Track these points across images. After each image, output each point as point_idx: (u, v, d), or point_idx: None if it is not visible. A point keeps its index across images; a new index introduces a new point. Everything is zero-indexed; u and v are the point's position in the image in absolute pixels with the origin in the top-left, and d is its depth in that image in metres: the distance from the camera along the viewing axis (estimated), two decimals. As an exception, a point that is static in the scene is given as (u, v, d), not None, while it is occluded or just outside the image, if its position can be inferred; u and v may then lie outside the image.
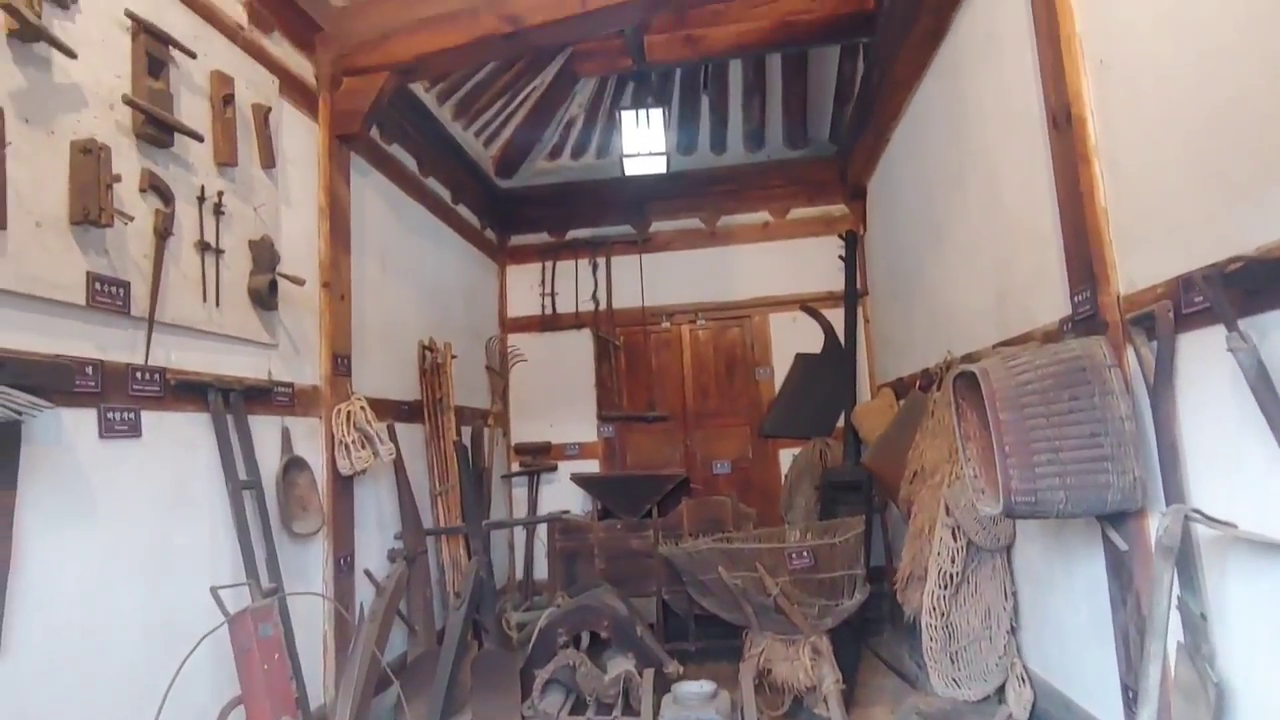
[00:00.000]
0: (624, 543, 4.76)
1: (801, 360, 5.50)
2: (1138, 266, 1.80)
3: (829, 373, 5.36)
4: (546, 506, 5.56)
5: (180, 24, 2.45)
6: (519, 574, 5.36)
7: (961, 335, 3.16)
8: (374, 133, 3.84)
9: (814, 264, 5.54)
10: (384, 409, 3.67)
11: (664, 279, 5.75)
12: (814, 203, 5.64)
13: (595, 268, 5.85)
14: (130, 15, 2.22)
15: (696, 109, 5.39)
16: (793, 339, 5.56)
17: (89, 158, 2.01)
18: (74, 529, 1.96)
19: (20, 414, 1.62)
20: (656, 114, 4.45)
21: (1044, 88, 2.15)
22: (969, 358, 2.95)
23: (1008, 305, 2.63)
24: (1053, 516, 1.90)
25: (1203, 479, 1.60)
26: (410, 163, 4.36)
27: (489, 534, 4.06)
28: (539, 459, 5.72)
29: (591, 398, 5.77)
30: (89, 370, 2.03)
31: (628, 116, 4.47)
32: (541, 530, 5.27)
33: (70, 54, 1.96)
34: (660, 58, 4.44)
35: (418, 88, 4.33)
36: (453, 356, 4.46)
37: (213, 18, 2.64)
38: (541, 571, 5.32)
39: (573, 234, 5.95)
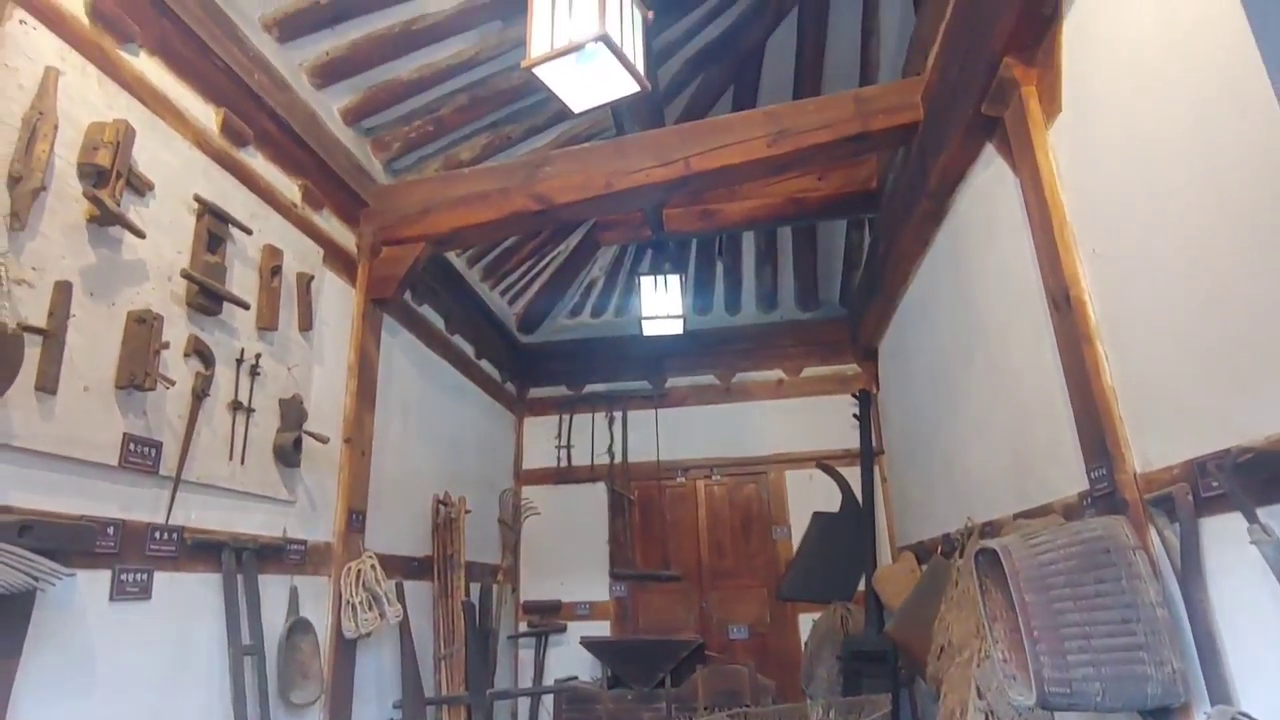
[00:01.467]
0: (635, 715, 4.48)
1: (819, 520, 5.40)
2: (1151, 446, 1.82)
3: (848, 533, 5.24)
4: (555, 670, 5.28)
5: (241, 204, 2.69)
6: (522, 748, 5.00)
7: (981, 501, 3.12)
8: (406, 296, 4.07)
9: (829, 422, 5.58)
10: (394, 565, 3.61)
11: (680, 434, 5.79)
12: (827, 362, 5.77)
13: (611, 421, 5.92)
14: (198, 199, 2.45)
15: (712, 273, 5.68)
16: (810, 497, 5.49)
17: (142, 326, 2.15)
18: (72, 699, 1.89)
19: (38, 581, 1.63)
20: (674, 279, 4.68)
21: (1042, 271, 2.27)
22: (990, 525, 2.90)
23: (1025, 474, 2.62)
24: (1090, 710, 1.79)
25: (1246, 675, 1.53)
26: (438, 321, 4.57)
27: (493, 703, 3.84)
28: (548, 619, 5.50)
29: (604, 554, 5.64)
30: (110, 530, 2.05)
31: (646, 282, 4.71)
32: (548, 698, 4.97)
33: (140, 235, 2.14)
34: (678, 228, 4.75)
35: (450, 254, 4.62)
36: (466, 511, 4.43)
37: (271, 198, 2.90)
38: (546, 746, 4.96)
39: (590, 388, 6.08)
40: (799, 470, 5.58)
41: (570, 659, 5.28)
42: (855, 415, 5.38)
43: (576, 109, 2.47)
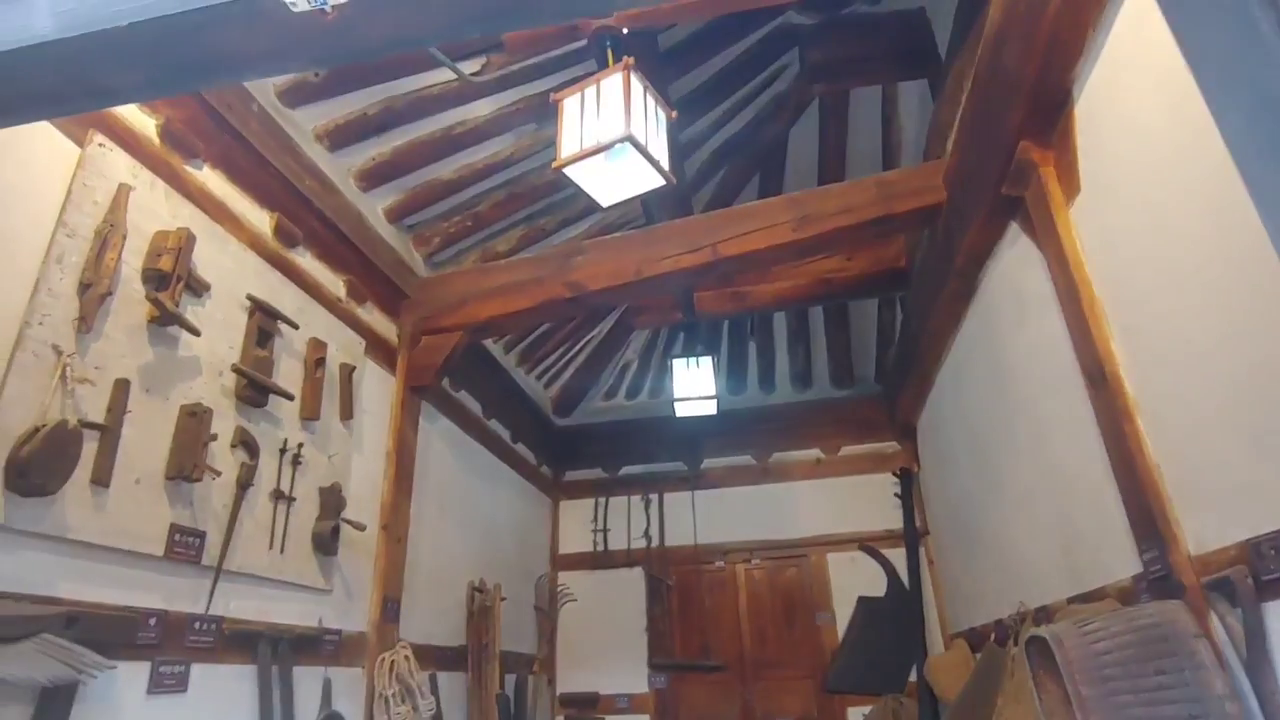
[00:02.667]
0: (677, 820, 4.23)
1: (865, 605, 5.19)
2: (1204, 525, 1.75)
3: (895, 619, 5.02)
4: (592, 770, 5.06)
5: (289, 300, 2.83)
6: None
7: (1033, 584, 2.99)
8: (444, 382, 4.17)
9: (870, 501, 5.44)
10: (427, 656, 3.56)
11: (717, 516, 5.70)
12: (864, 440, 5.68)
13: (648, 504, 5.86)
14: (250, 297, 2.59)
15: (744, 353, 5.72)
16: (853, 580, 5.30)
17: (194, 420, 2.24)
18: (103, 797, 1.89)
19: (81, 673, 1.66)
20: (706, 361, 4.72)
21: (1075, 347, 2.26)
22: (1043, 611, 2.77)
23: (1076, 557, 2.52)
24: (1165, 818, 1.66)
25: (1331, 778, 1.41)
26: (475, 407, 4.65)
27: (528, 806, 3.69)
28: (586, 712, 5.31)
29: (643, 642, 5.48)
30: (152, 621, 2.08)
31: (679, 364, 4.76)
32: (586, 800, 4.75)
33: (195, 333, 2.27)
34: (709, 310, 4.82)
35: (487, 341, 4.75)
36: (502, 598, 4.38)
37: (317, 294, 3.04)
38: None
39: (626, 470, 6.06)
40: (841, 552, 5.41)
41: (611, 757, 5.06)
42: (897, 494, 5.25)
43: (605, 204, 2.59)
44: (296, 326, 2.82)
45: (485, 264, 3.94)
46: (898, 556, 5.19)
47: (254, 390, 2.54)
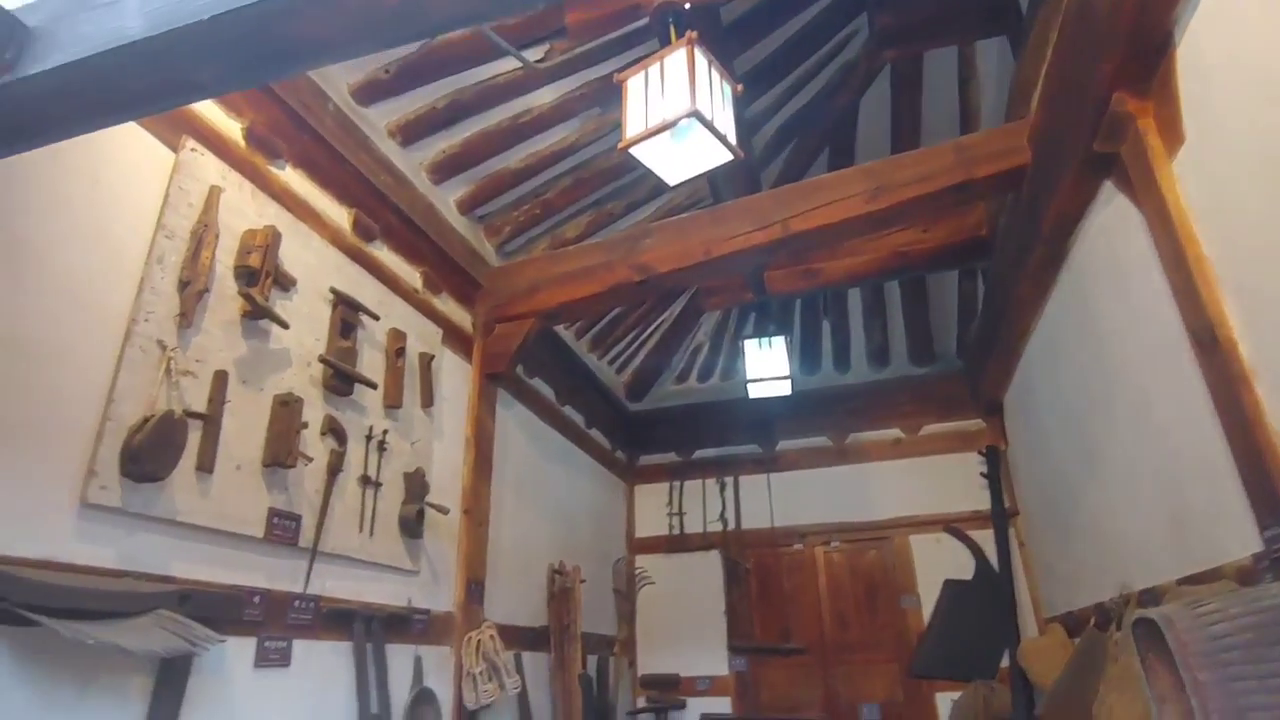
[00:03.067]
0: (761, 802, 4.23)
1: (951, 588, 5.02)
2: (1335, 499, 1.60)
3: (984, 603, 4.84)
4: (675, 750, 5.10)
5: (370, 292, 2.93)
6: (644, 833, 4.81)
7: (1137, 565, 2.82)
8: (519, 369, 4.24)
9: (954, 481, 5.25)
10: (511, 636, 3.65)
11: (794, 499, 5.62)
12: (947, 418, 5.48)
13: (723, 487, 5.83)
14: (334, 290, 2.70)
15: (818, 332, 5.59)
16: (938, 563, 5.14)
17: (286, 409, 2.35)
18: (219, 763, 2.01)
19: (195, 646, 1.77)
20: (779, 341, 4.64)
21: (1181, 310, 2.10)
22: (1148, 593, 2.61)
23: (1187, 535, 2.36)
24: (1296, 813, 1.54)
25: None
26: (549, 393, 4.72)
27: (613, 783, 3.75)
28: (667, 694, 5.35)
29: (721, 625, 5.47)
30: (256, 599, 2.20)
31: (751, 345, 4.69)
32: (669, 780, 4.79)
33: (284, 325, 2.37)
34: (780, 289, 4.74)
35: (558, 327, 4.80)
36: (581, 581, 4.45)
37: (395, 286, 3.14)
38: (669, 831, 4.76)
39: (700, 454, 6.04)
40: (925, 534, 5.25)
41: (693, 737, 5.09)
42: (983, 474, 5.05)
43: (671, 182, 2.56)
44: (377, 318, 2.91)
45: (555, 251, 3.98)
46: (985, 538, 4.99)
47: (340, 380, 2.64)
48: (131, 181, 2.02)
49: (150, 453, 1.84)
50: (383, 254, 3.12)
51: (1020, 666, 4.19)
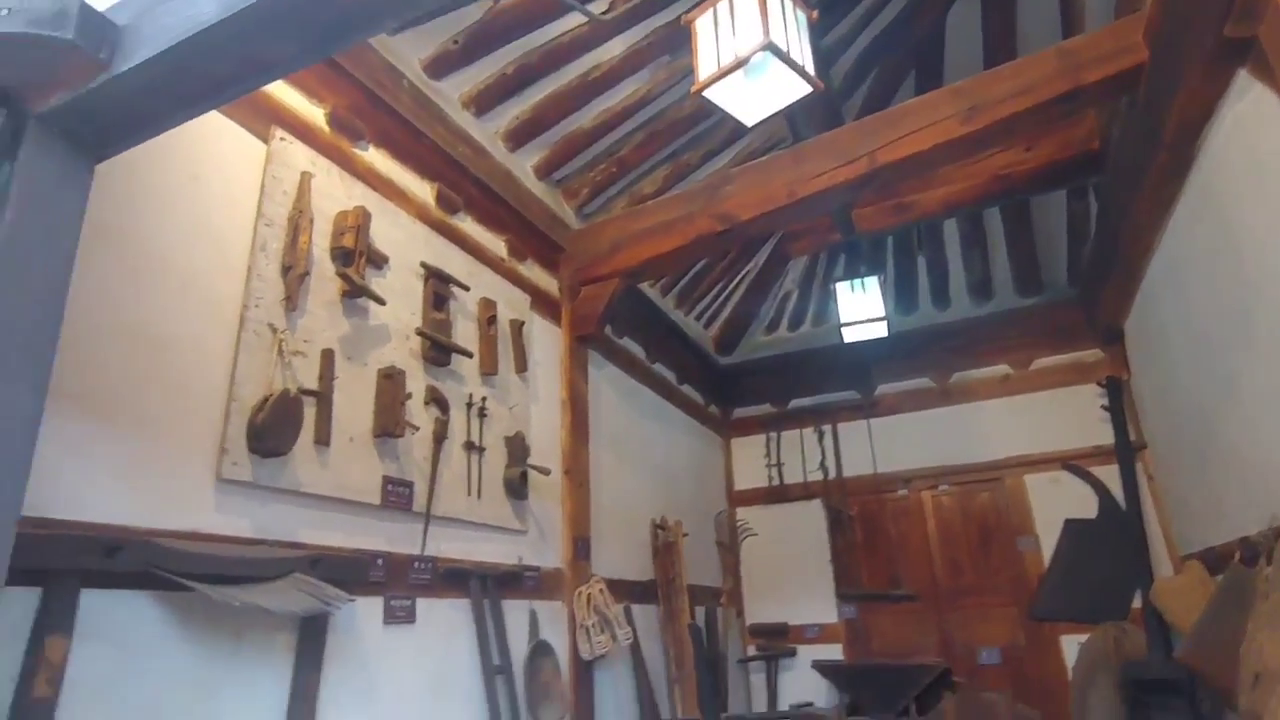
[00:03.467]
0: (879, 746, 4.21)
1: (1073, 528, 4.78)
2: None
3: (1110, 542, 4.58)
4: (788, 694, 5.15)
5: (458, 264, 2.99)
6: (763, 775, 4.90)
7: (1287, 496, 2.58)
8: (607, 329, 4.27)
9: (1070, 417, 4.95)
10: (619, 590, 3.75)
11: (896, 443, 5.45)
12: (1060, 350, 5.14)
13: (821, 436, 5.73)
14: (424, 265, 2.77)
15: (913, 269, 5.34)
16: (1057, 503, 4.88)
17: (390, 381, 2.46)
18: (358, 710, 2.17)
19: (329, 606, 1.89)
20: (872, 281, 4.46)
21: (1337, 208, 1.86)
22: (1304, 525, 2.39)
23: (1347, 460, 2.13)
24: None
25: None
26: (639, 351, 4.74)
27: (728, 728, 3.82)
28: (775, 642, 5.39)
29: (828, 573, 5.43)
30: (379, 562, 2.34)
31: (842, 288, 4.53)
32: (784, 725, 4.84)
33: (381, 302, 2.46)
34: (870, 228, 4.54)
35: (643, 285, 4.79)
36: (684, 535, 4.50)
37: (481, 256, 3.20)
38: (787, 774, 4.83)
39: (796, 403, 5.94)
40: (1041, 473, 5.00)
41: (803, 683, 5.11)
42: (1104, 407, 4.74)
43: (749, 122, 2.47)
44: (467, 288, 2.98)
45: (634, 208, 3.94)
46: (1109, 474, 4.70)
47: (437, 351, 2.73)
48: (229, 175, 2.12)
49: (272, 430, 1.97)
50: (467, 225, 3.18)
51: (1155, 607, 3.96)
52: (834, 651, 5.23)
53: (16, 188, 0.95)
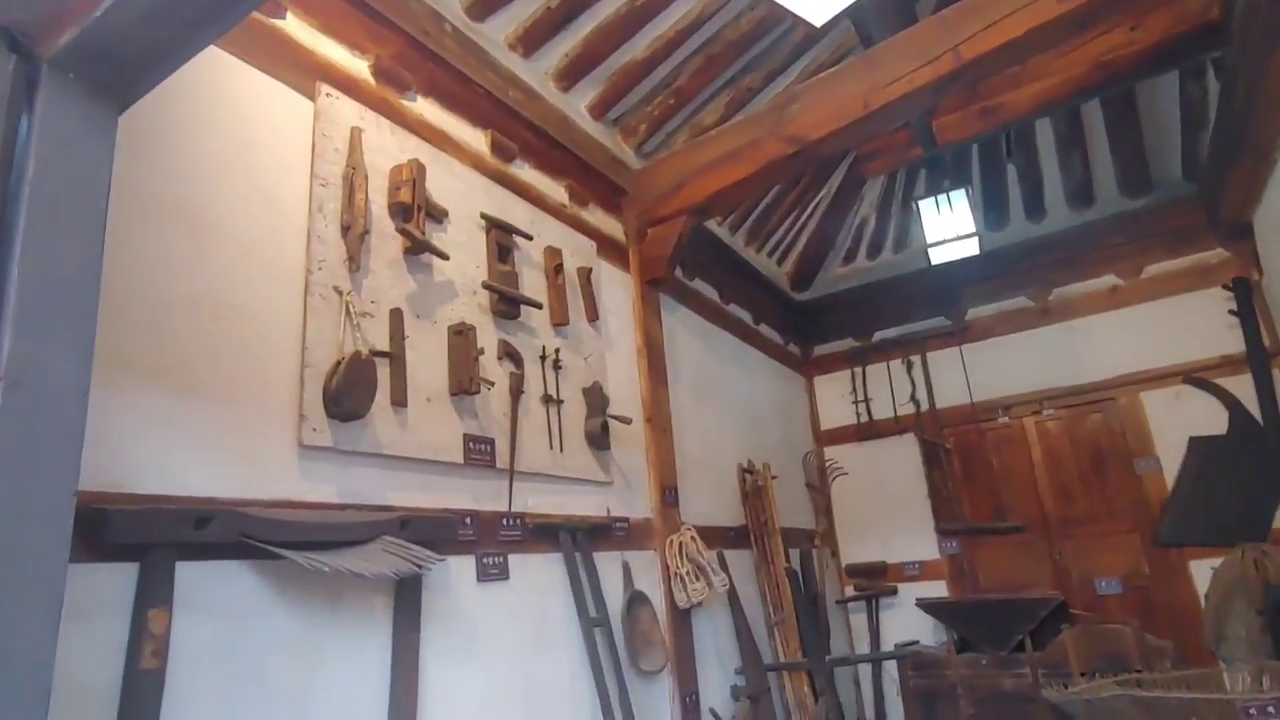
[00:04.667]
0: (993, 682, 4.06)
1: (1200, 446, 4.39)
2: None
3: (1244, 458, 4.19)
4: (891, 634, 5.02)
5: (520, 213, 2.89)
6: (869, 713, 4.82)
7: None
8: (678, 272, 4.11)
9: (1191, 325, 4.52)
10: (711, 536, 3.67)
11: (992, 369, 5.13)
12: (1176, 253, 4.68)
13: (910, 367, 5.45)
14: (484, 216, 2.68)
15: (1002, 180, 4.93)
16: (1179, 420, 4.49)
17: (461, 338, 2.39)
18: (459, 667, 2.17)
19: (420, 567, 1.87)
20: (958, 195, 4.13)
21: None
22: None
23: None
24: None
25: None
26: (712, 293, 4.57)
27: (833, 670, 3.73)
28: (875, 581, 5.24)
29: (926, 509, 5.21)
30: (468, 521, 2.31)
31: (925, 205, 4.22)
32: (891, 664, 4.72)
33: (444, 257, 2.38)
34: (952, 138, 4.18)
35: (712, 224, 4.59)
36: (772, 477, 4.37)
37: (542, 204, 3.08)
38: (895, 712, 4.73)
39: (880, 335, 5.66)
40: (1159, 390, 4.60)
41: (906, 622, 4.97)
42: (1231, 312, 4.30)
43: (818, 21, 2.24)
44: (530, 237, 2.88)
45: (695, 140, 3.72)
46: (1239, 385, 4.29)
47: (505, 303, 2.65)
48: (280, 137, 2.06)
49: (348, 393, 1.93)
50: (525, 173, 3.06)
51: (1302, 525, 3.60)
52: (937, 589, 5.04)
53: (37, 141, 0.88)
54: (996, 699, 4.04)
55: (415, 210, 2.32)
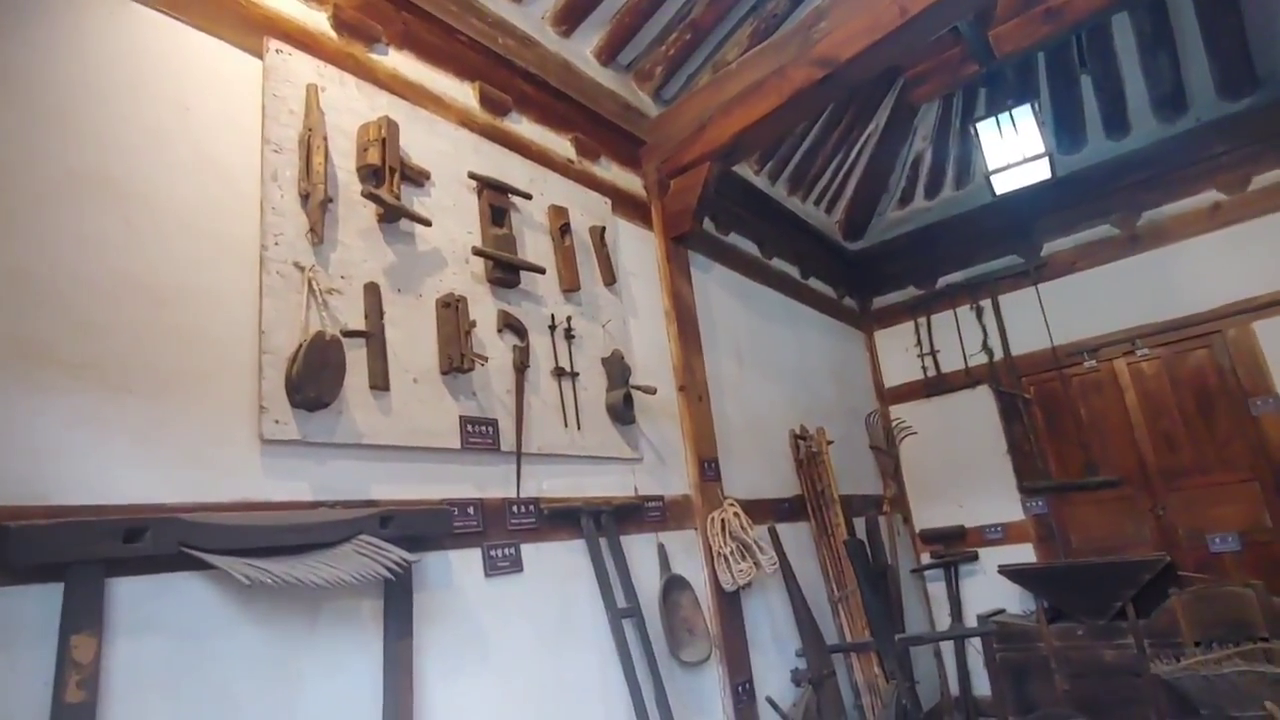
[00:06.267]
0: (1092, 654, 3.65)
1: (1329, 378, 3.81)
2: None
3: (1387, 389, 3.60)
4: (973, 603, 4.63)
5: (517, 171, 2.63)
6: (952, 688, 4.47)
7: None
8: (709, 226, 3.79)
9: (1313, 240, 3.91)
10: (761, 510, 3.38)
11: (1075, 308, 4.60)
12: (1291, 158, 4.04)
13: (979, 313, 4.96)
14: (473, 175, 2.43)
15: (1075, 93, 4.37)
16: (1303, 350, 3.91)
17: (449, 311, 2.16)
18: (468, 672, 1.97)
19: (396, 568, 1.65)
20: (1023, 111, 3.64)
21: None
22: None
23: None
24: None
25: None
26: (751, 248, 4.22)
27: (906, 648, 3.40)
28: (952, 547, 4.84)
29: (1006, 466, 4.76)
30: (470, 510, 2.09)
31: (986, 128, 3.74)
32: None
33: (426, 223, 2.15)
34: (1012, 48, 3.66)
35: (747, 172, 4.23)
36: (828, 442, 4.03)
37: (544, 159, 2.81)
38: (982, 686, 4.36)
39: (945, 280, 5.18)
40: (1275, 318, 4.01)
41: (990, 589, 4.57)
42: (1364, 219, 3.67)
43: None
44: (529, 197, 2.61)
45: (716, 76, 3.37)
46: (1377, 305, 3.68)
47: (503, 270, 2.40)
48: (224, 101, 1.85)
49: (310, 379, 1.72)
50: (522, 127, 2.79)
51: None
52: (1023, 553, 4.61)
53: None
54: (1096, 673, 3.63)
55: (388, 173, 2.08)
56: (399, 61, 2.37)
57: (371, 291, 2.00)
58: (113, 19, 1.69)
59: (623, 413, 2.69)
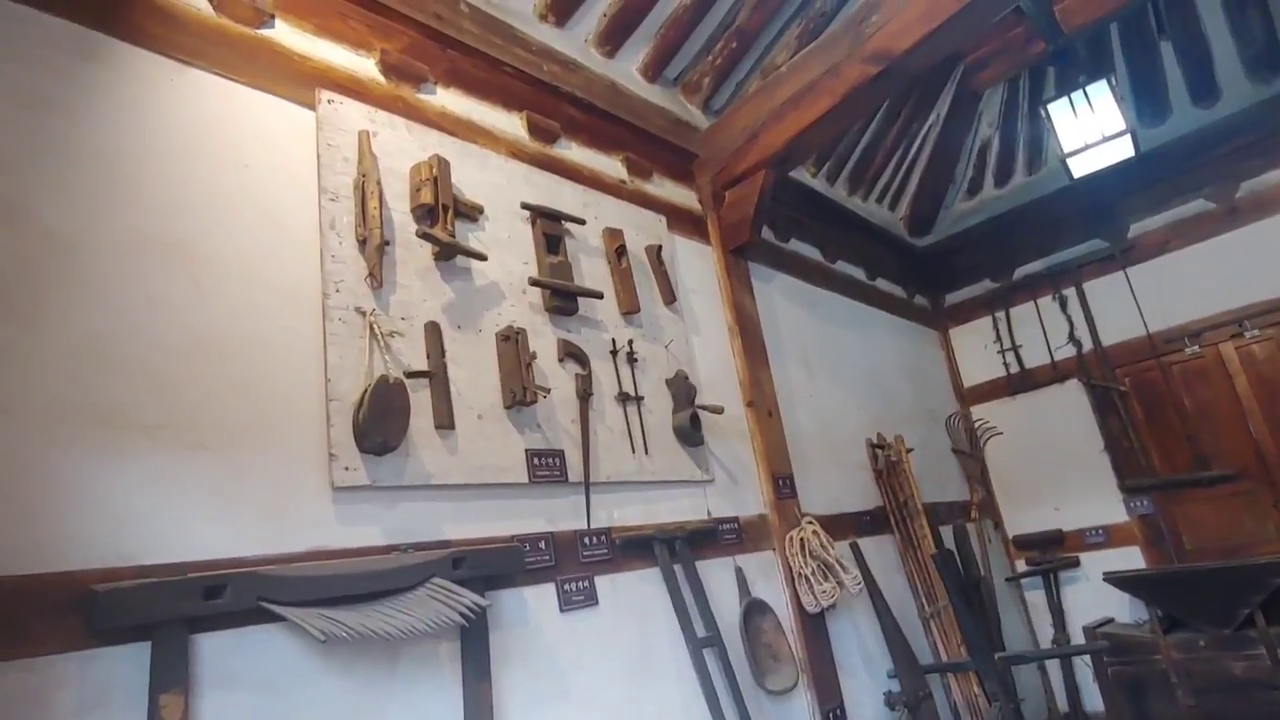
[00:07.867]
0: (1218, 668, 3.36)
1: None
2: None
3: None
4: (1077, 613, 4.33)
5: (569, 198, 2.61)
6: (1060, 703, 4.19)
7: None
8: (768, 235, 3.70)
9: None
10: (841, 526, 3.25)
11: (1170, 291, 4.28)
12: None
13: (1063, 303, 4.68)
14: (525, 206, 2.42)
15: (1154, 63, 4.09)
16: None
17: (509, 344, 2.15)
18: (549, 712, 1.93)
19: (469, 613, 1.63)
20: (1099, 87, 3.41)
21: None
22: None
23: None
24: None
25: None
26: (813, 253, 4.10)
27: (1008, 667, 3.20)
28: (1050, 553, 4.56)
29: (1104, 464, 4.46)
30: (542, 545, 2.07)
31: (1057, 109, 3.53)
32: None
33: (481, 258, 2.15)
34: (1082, 21, 3.47)
35: (804, 175, 4.12)
36: (908, 450, 3.86)
37: (596, 183, 2.79)
38: (1093, 702, 4.07)
39: (1022, 271, 4.91)
40: (1407, 287, 3.63)
41: (1094, 596, 4.26)
42: None
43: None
44: (583, 222, 2.59)
45: (765, 82, 3.28)
46: None
47: (561, 298, 2.38)
48: (280, 154, 1.89)
49: (376, 424, 1.73)
50: (571, 152, 2.78)
51: None
52: (1129, 556, 4.29)
53: None
54: (1224, 688, 3.33)
55: (440, 211, 2.09)
56: (447, 99, 2.39)
57: (432, 331, 2.01)
58: (172, 86, 1.75)
59: (690, 434, 2.62)
